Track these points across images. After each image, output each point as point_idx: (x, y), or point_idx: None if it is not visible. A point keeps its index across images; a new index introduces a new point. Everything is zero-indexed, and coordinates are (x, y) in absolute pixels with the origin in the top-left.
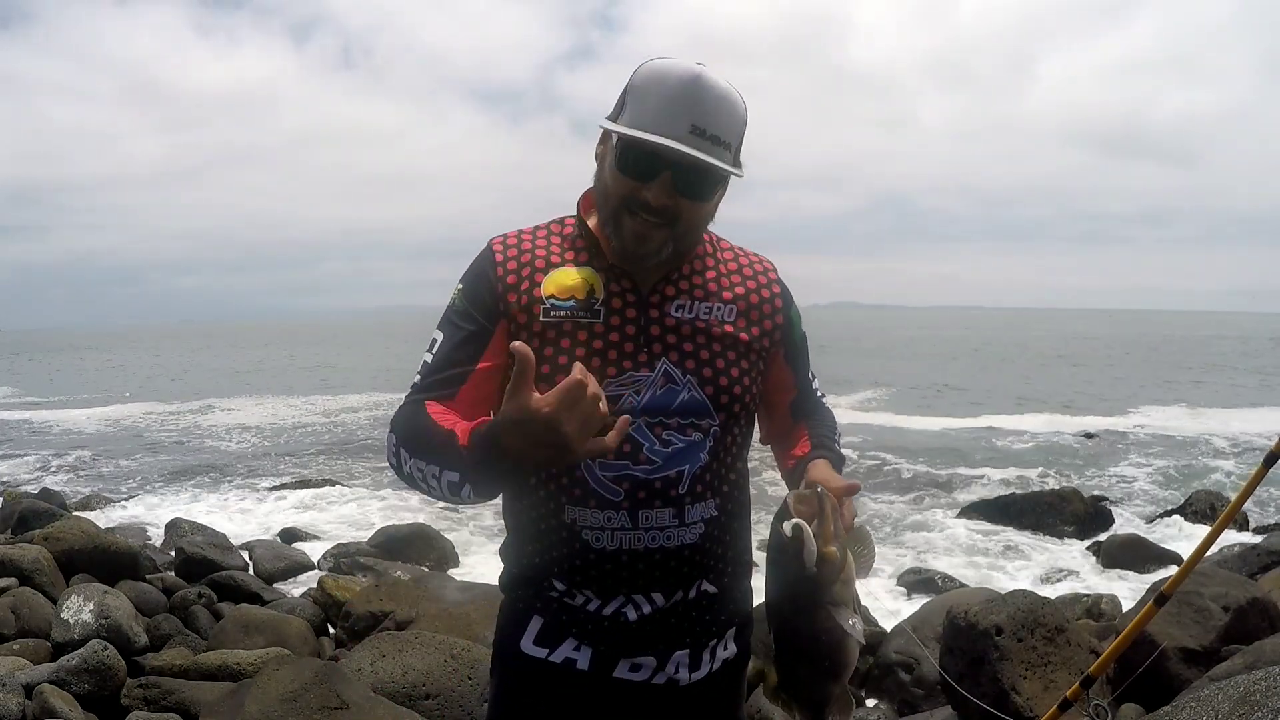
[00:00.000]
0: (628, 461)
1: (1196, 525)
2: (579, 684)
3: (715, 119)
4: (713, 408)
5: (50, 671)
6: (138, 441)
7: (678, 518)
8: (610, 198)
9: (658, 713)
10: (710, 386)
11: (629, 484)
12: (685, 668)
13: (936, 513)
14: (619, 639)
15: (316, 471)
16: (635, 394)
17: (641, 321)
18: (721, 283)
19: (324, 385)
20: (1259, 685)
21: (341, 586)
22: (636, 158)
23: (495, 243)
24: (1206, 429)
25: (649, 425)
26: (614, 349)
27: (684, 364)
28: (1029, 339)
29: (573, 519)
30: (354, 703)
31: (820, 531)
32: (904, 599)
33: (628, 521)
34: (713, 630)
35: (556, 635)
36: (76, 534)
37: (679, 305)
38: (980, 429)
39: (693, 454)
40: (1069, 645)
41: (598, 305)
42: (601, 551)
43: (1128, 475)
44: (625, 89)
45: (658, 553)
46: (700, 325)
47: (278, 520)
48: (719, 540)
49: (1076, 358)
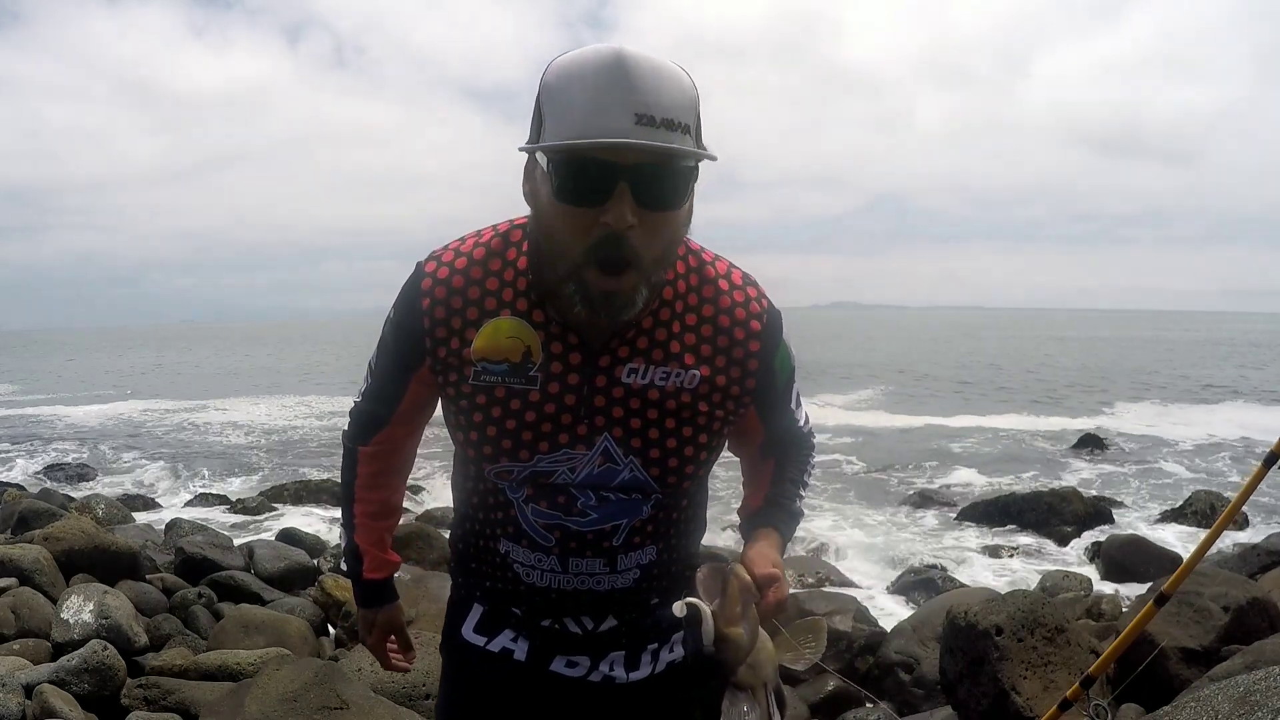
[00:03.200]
0: (559, 513)
1: (1196, 525)
2: (516, 673)
3: (659, 99)
4: (657, 486)
5: (50, 671)
6: (138, 440)
7: (609, 566)
8: (561, 243)
9: (596, 708)
10: (656, 468)
11: (560, 533)
12: (621, 666)
13: (937, 513)
14: (553, 641)
15: (317, 471)
16: (570, 471)
17: (584, 391)
18: (687, 339)
19: (324, 384)
20: (1259, 685)
21: (342, 586)
22: (578, 176)
23: (427, 267)
24: (1209, 429)
25: (585, 488)
26: (549, 421)
27: (629, 442)
28: (1029, 339)
29: (505, 551)
30: (354, 703)
31: (722, 612)
32: (903, 599)
33: (557, 565)
34: (650, 635)
35: (495, 625)
36: (76, 534)
37: (631, 370)
38: (981, 429)
39: (632, 509)
40: (1069, 645)
41: (534, 371)
42: (531, 586)
43: (1128, 475)
44: (537, 101)
45: (586, 595)
46: (653, 397)
47: (278, 520)
48: (656, 579)
49: (1077, 358)
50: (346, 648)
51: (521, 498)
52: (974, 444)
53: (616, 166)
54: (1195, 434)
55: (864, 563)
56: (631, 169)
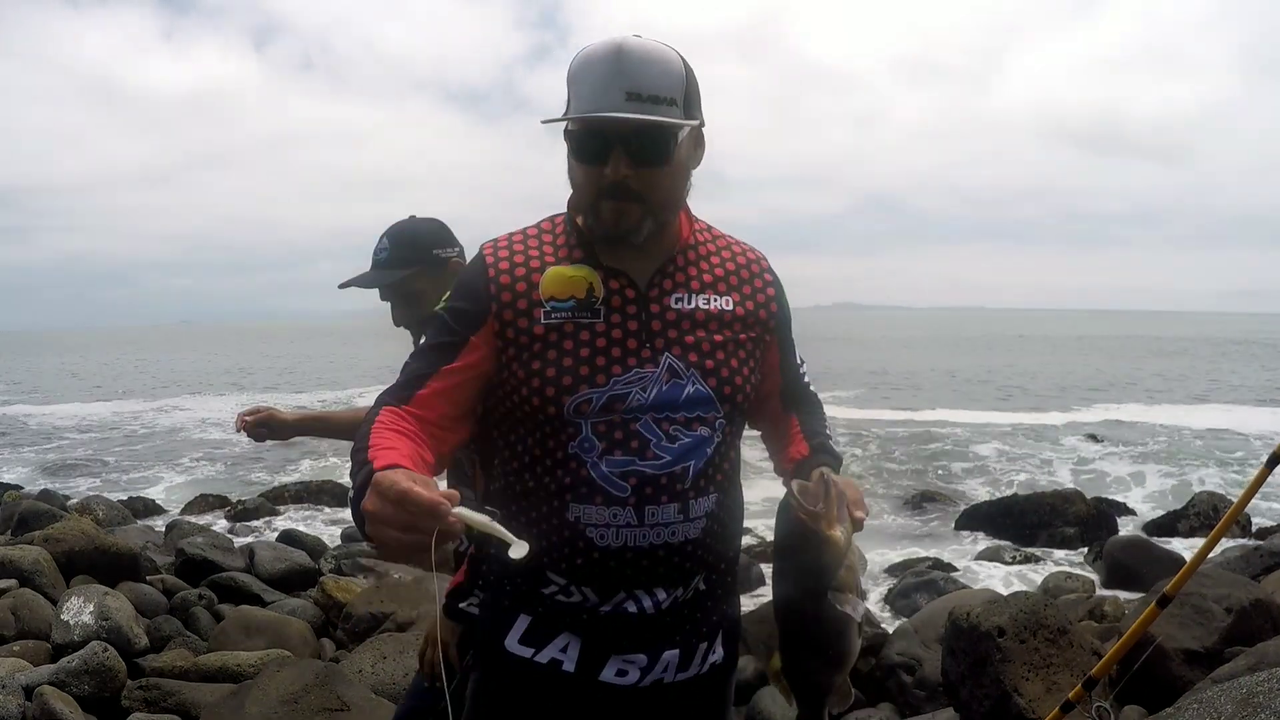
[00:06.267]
0: (634, 457)
1: (1199, 527)
2: (563, 686)
3: (645, 78)
4: (717, 400)
5: (50, 673)
6: (137, 440)
7: (683, 513)
8: (581, 190)
9: (641, 717)
10: (714, 379)
11: (636, 479)
12: (675, 668)
13: (939, 513)
14: (614, 634)
15: (318, 471)
16: (642, 390)
17: (642, 317)
18: (716, 272)
19: (326, 383)
20: (1262, 687)
21: (342, 588)
22: (584, 141)
23: (486, 248)
24: (1210, 430)
25: (655, 421)
26: (617, 346)
27: (687, 357)
28: (1029, 339)
29: (576, 516)
30: (354, 704)
31: (825, 514)
32: (905, 601)
33: (634, 518)
34: (703, 630)
35: (545, 633)
36: (77, 535)
37: (678, 298)
38: (982, 428)
39: (699, 449)
40: (1071, 647)
41: (597, 304)
42: (605, 549)
43: (1131, 476)
44: (566, 86)
45: (661, 549)
46: (700, 317)
47: (279, 521)
48: (718, 535)
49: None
50: (347, 649)
51: (596, 454)
52: (975, 444)
53: (613, 133)
54: (1198, 434)
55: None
56: (624, 135)
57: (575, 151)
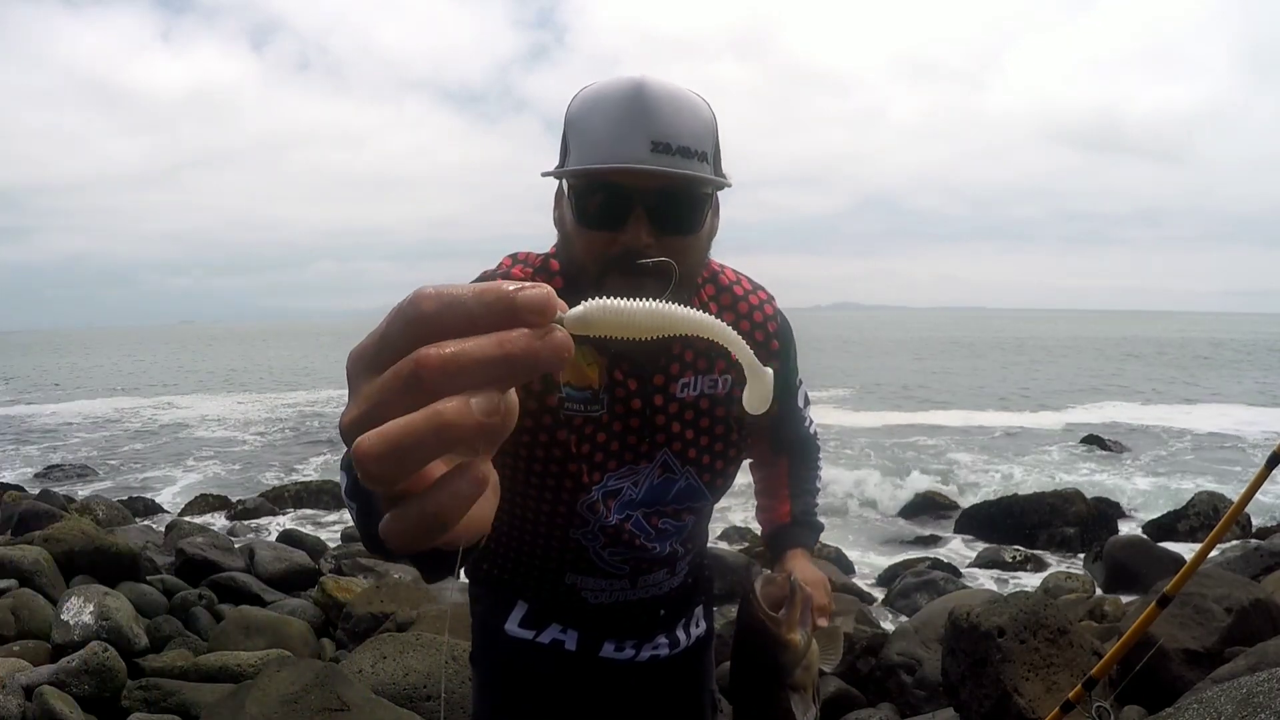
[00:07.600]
0: (628, 548)
1: (1199, 527)
2: (566, 663)
3: (676, 127)
4: (708, 492)
5: (50, 673)
6: (137, 440)
7: (670, 572)
8: (582, 258)
9: (641, 687)
10: (708, 474)
11: (632, 565)
12: (666, 646)
13: (940, 514)
14: (604, 623)
15: (317, 472)
16: (634, 486)
17: (646, 412)
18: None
19: (324, 382)
20: (1262, 687)
21: (342, 588)
22: (597, 201)
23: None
24: (1210, 430)
25: (645, 516)
26: (617, 440)
27: (685, 454)
28: (1028, 339)
29: (573, 583)
30: (355, 704)
31: (786, 619)
32: (905, 601)
33: (629, 586)
34: (685, 610)
35: (542, 619)
36: (76, 535)
37: (684, 384)
38: (983, 428)
39: (683, 528)
40: (1071, 647)
41: (601, 393)
42: (599, 605)
43: (1131, 476)
44: (564, 131)
45: (650, 600)
46: (704, 406)
47: (279, 521)
48: (695, 569)
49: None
50: (347, 649)
51: (599, 544)
52: (976, 444)
53: (633, 192)
54: (1197, 435)
55: (865, 564)
56: (647, 194)
57: (581, 212)
